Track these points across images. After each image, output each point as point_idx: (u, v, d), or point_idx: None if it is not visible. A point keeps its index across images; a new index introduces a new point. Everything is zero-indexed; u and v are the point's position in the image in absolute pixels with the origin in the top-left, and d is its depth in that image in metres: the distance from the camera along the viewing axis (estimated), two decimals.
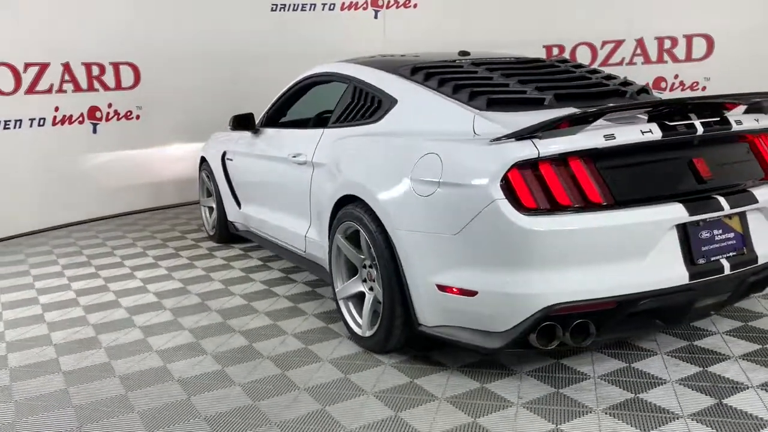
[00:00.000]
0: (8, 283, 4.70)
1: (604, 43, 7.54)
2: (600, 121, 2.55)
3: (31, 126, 6.34)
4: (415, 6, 8.30)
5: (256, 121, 4.74)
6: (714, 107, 2.78)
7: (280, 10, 7.98)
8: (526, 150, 2.41)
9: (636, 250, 2.46)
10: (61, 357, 3.30)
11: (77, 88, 6.66)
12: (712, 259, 2.60)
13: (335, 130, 3.67)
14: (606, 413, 2.47)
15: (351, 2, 8.25)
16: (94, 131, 6.88)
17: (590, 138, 2.46)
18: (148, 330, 3.61)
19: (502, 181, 2.42)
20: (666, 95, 7.13)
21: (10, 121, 6.17)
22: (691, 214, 2.53)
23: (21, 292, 4.47)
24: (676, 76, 7.18)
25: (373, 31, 8.25)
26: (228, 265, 4.89)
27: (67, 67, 6.54)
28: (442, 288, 2.65)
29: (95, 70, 6.79)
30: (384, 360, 3.05)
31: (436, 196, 2.65)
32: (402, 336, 2.94)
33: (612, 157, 2.52)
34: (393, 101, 3.33)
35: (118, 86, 7.00)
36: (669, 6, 7.09)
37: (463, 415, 2.51)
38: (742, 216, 2.71)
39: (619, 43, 7.46)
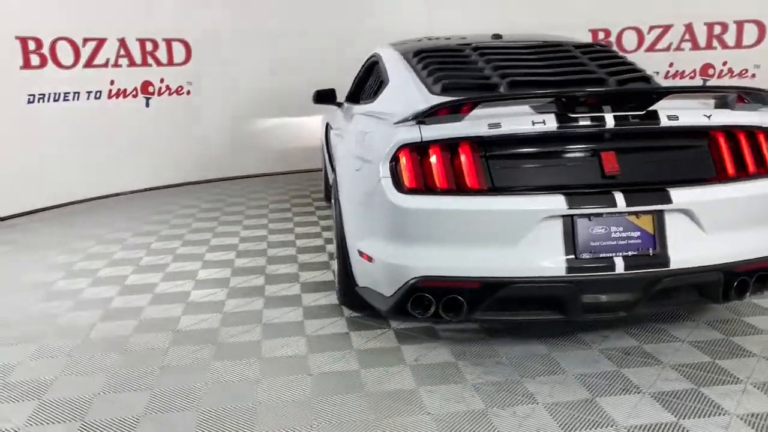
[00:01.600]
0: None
1: (651, 28, 7.48)
2: (514, 108, 2.62)
3: (88, 99, 6.59)
4: None
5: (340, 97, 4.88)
6: (645, 99, 2.58)
7: None
8: (411, 134, 2.55)
9: (506, 237, 2.51)
10: None
11: (132, 63, 6.89)
12: (602, 255, 2.52)
13: (357, 106, 3.86)
14: None
15: None
16: (147, 105, 7.12)
17: (474, 126, 2.52)
18: None
19: (391, 161, 2.59)
20: (711, 82, 7.00)
21: (69, 93, 6.43)
22: (571, 207, 2.47)
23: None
24: (725, 63, 7.10)
25: (419, 12, 8.29)
26: None
27: (122, 42, 6.78)
28: (360, 253, 2.89)
29: (149, 46, 7.01)
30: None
31: (360, 170, 2.90)
32: (356, 295, 3.13)
33: (501, 145, 2.57)
34: (387, 82, 3.53)
35: (170, 62, 7.22)
36: None
37: None
38: (658, 216, 2.55)
39: (666, 28, 7.39)
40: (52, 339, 3.19)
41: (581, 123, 2.53)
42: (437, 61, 3.38)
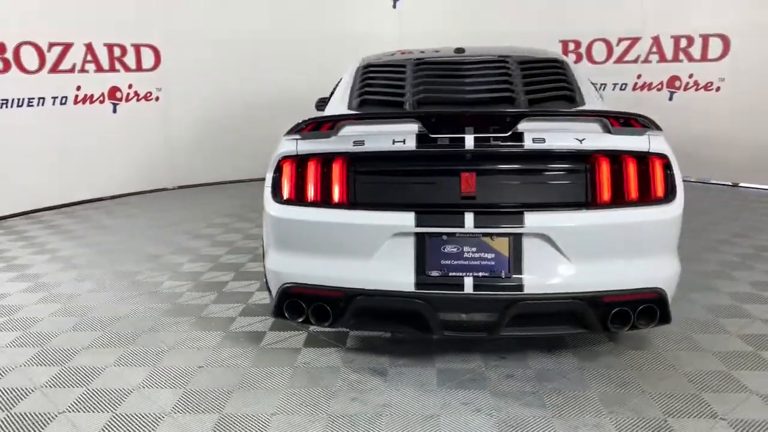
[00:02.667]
0: None
1: (620, 39, 7.60)
2: (387, 127, 2.68)
3: (53, 104, 6.45)
4: None
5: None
6: (507, 121, 2.56)
7: None
8: (289, 147, 2.69)
9: (362, 250, 2.62)
10: None
11: (99, 68, 6.76)
12: (451, 274, 2.57)
13: None
14: None
15: None
16: (114, 111, 6.99)
17: (343, 142, 2.64)
18: None
19: (275, 172, 2.73)
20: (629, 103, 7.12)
21: (33, 98, 6.28)
22: (419, 225, 2.54)
23: None
24: (691, 76, 7.24)
25: (391, 20, 8.30)
26: None
27: (89, 47, 6.64)
28: (263, 256, 2.98)
29: (117, 51, 6.88)
30: None
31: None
32: None
33: (365, 162, 2.66)
34: (335, 93, 3.63)
35: (139, 68, 7.10)
36: (686, 5, 7.14)
37: None
38: (515, 240, 2.54)
39: (635, 41, 7.52)
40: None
41: (440, 144, 2.56)
42: (374, 76, 3.47)
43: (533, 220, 2.50)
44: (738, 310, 3.51)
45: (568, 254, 2.53)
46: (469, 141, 2.55)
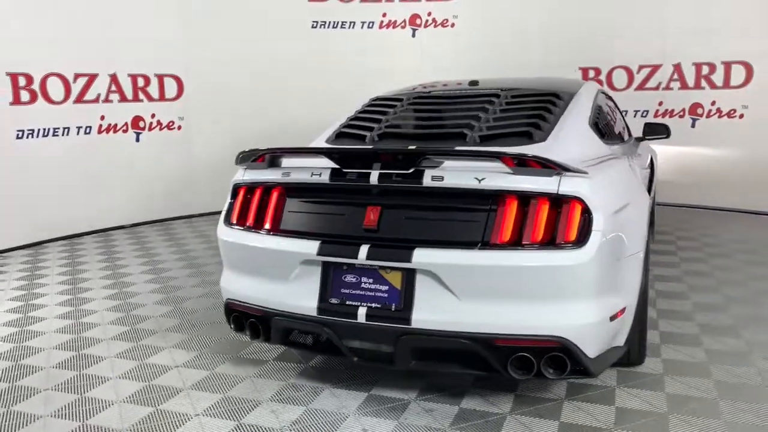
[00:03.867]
0: None
1: (641, 67, 7.56)
2: (320, 161, 2.78)
3: (78, 134, 6.57)
4: (452, 26, 8.41)
5: None
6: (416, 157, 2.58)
7: (320, 27, 8.17)
8: (238, 175, 3.02)
9: (279, 274, 2.79)
10: None
11: (123, 98, 6.89)
12: (348, 302, 2.64)
13: None
14: None
15: (390, 21, 8.39)
16: (137, 140, 7.10)
17: (274, 173, 2.87)
18: None
19: (231, 197, 3.04)
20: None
21: (58, 128, 6.41)
22: (320, 254, 2.64)
23: None
24: (713, 103, 7.16)
25: (411, 49, 8.38)
26: None
27: (114, 78, 6.78)
28: None
29: (140, 82, 7.02)
30: None
31: None
32: None
33: (292, 192, 2.87)
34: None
35: (162, 98, 7.22)
36: (707, 32, 7.09)
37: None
38: (408, 274, 2.56)
39: (656, 68, 7.47)
40: None
41: (349, 178, 2.68)
42: (370, 110, 3.62)
43: (421, 256, 2.50)
44: None
45: (457, 293, 2.49)
46: (374, 177, 2.62)
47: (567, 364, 2.44)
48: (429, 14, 8.42)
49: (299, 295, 2.74)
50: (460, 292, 2.48)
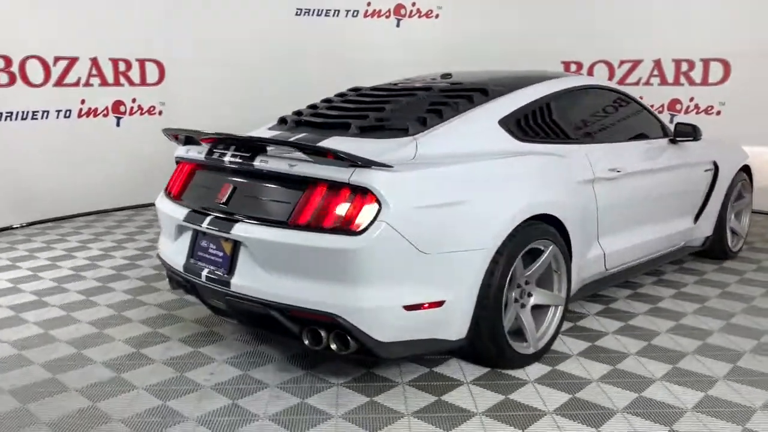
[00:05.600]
0: None
1: (622, 62, 7.63)
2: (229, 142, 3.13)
3: (57, 117, 6.53)
4: (436, 16, 8.43)
5: None
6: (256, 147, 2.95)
7: (304, 15, 8.15)
8: (177, 151, 3.45)
9: (171, 234, 3.31)
10: None
11: (103, 82, 6.84)
12: (199, 263, 3.10)
13: None
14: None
15: (374, 10, 8.39)
16: (118, 124, 7.07)
17: (187, 152, 3.33)
18: None
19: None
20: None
21: (38, 111, 6.36)
22: (184, 220, 3.15)
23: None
24: (692, 99, 7.25)
25: (395, 39, 8.38)
26: None
27: (95, 61, 6.73)
28: None
29: (122, 66, 6.98)
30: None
31: None
32: None
33: (190, 166, 3.38)
34: None
35: (143, 82, 7.18)
36: (687, 29, 7.17)
37: None
38: (235, 244, 2.91)
39: (636, 63, 7.55)
40: None
41: (213, 158, 3.11)
42: (325, 99, 3.89)
43: (238, 229, 2.86)
44: None
45: (262, 265, 2.81)
46: (227, 158, 3.03)
47: (349, 341, 2.71)
48: (413, 4, 8.43)
49: (178, 253, 3.22)
50: (265, 265, 2.80)
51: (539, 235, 3.11)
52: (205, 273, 3.01)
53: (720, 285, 4.46)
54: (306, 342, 2.80)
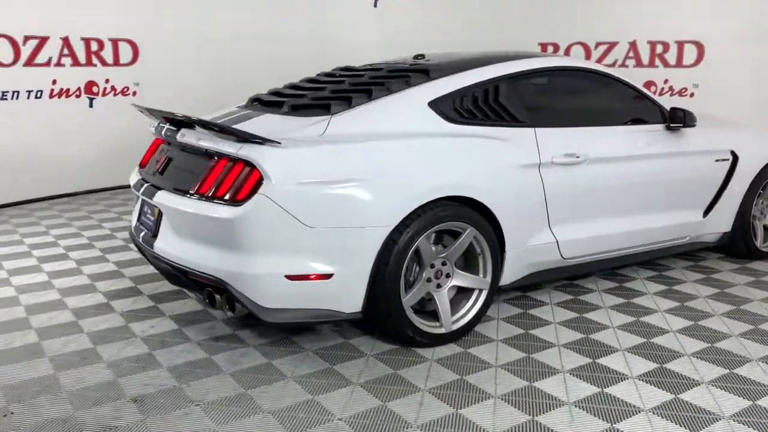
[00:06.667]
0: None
1: (598, 44, 7.66)
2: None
3: (28, 98, 6.41)
4: None
5: None
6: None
7: None
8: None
9: (135, 199, 3.61)
10: None
11: (75, 62, 6.72)
12: (141, 227, 3.46)
13: None
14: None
15: None
16: (91, 105, 6.96)
17: (152, 127, 3.62)
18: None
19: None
20: None
21: (7, 92, 6.24)
22: (133, 187, 3.50)
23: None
24: (666, 81, 7.31)
25: (372, 19, 8.32)
26: None
27: (66, 41, 6.61)
28: None
29: (94, 46, 6.85)
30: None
31: None
32: None
33: (160, 141, 3.64)
34: None
35: (116, 62, 7.07)
36: (662, 12, 7.20)
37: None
38: (160, 209, 3.18)
39: (612, 45, 7.58)
40: None
41: (157, 131, 3.52)
42: (306, 79, 3.99)
43: (158, 196, 3.17)
44: None
45: (173, 229, 3.10)
46: (164, 132, 3.41)
47: (234, 304, 2.91)
48: None
49: (134, 216, 3.62)
50: (175, 230, 3.09)
51: (450, 217, 3.10)
52: (142, 235, 3.39)
53: (728, 285, 4.15)
54: (206, 302, 3.05)
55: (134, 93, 7.27)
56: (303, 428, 2.49)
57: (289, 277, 2.84)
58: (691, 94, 7.16)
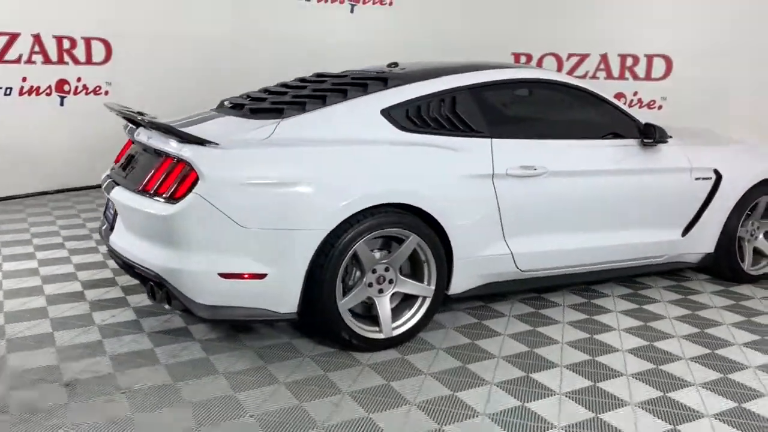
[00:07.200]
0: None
1: (570, 55, 7.80)
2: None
3: None
4: (390, 4, 8.43)
5: None
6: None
7: None
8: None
9: None
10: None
11: (47, 60, 6.62)
12: (105, 220, 3.58)
13: None
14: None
15: None
16: (62, 104, 6.85)
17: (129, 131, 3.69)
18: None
19: None
20: None
21: None
22: (101, 182, 3.55)
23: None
24: (636, 93, 7.48)
25: (349, 25, 8.34)
26: None
27: (37, 38, 6.50)
28: None
29: (66, 44, 6.75)
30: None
31: None
32: None
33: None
34: None
35: (89, 61, 6.97)
36: (633, 26, 7.37)
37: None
38: (116, 207, 3.32)
39: (584, 57, 7.73)
40: None
41: (128, 133, 3.62)
42: (280, 83, 4.00)
43: (114, 192, 3.28)
44: None
45: (125, 224, 3.21)
46: (128, 130, 3.59)
47: (172, 299, 2.99)
48: None
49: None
50: (125, 224, 3.20)
51: (390, 224, 3.11)
52: (104, 227, 3.51)
53: (701, 307, 4.00)
54: (149, 296, 3.13)
55: (107, 92, 7.17)
56: (214, 421, 2.56)
57: (223, 275, 2.89)
58: (659, 107, 7.33)
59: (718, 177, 4.17)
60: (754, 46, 6.64)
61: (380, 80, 3.49)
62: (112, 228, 3.36)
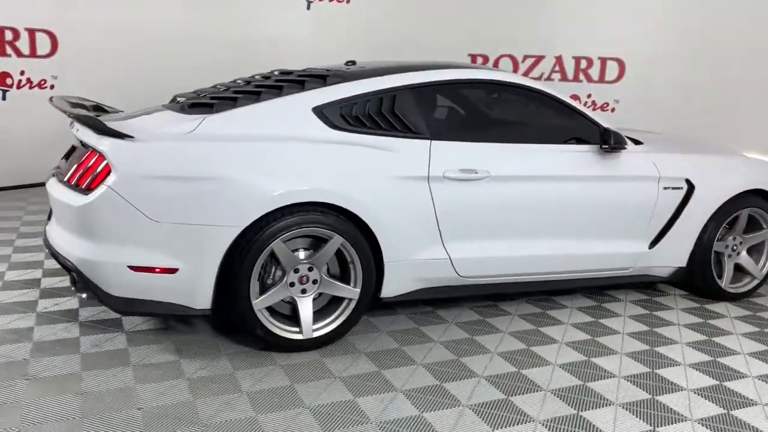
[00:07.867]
0: None
1: (526, 57, 7.88)
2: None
3: None
4: (348, 1, 8.36)
5: None
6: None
7: None
8: None
9: None
10: None
11: None
12: (50, 213, 3.46)
13: None
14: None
15: None
16: (4, 98, 6.55)
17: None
18: None
19: None
20: None
21: None
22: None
23: None
24: (590, 96, 7.60)
25: (305, 22, 8.24)
26: None
27: None
28: None
29: (8, 35, 6.46)
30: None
31: None
32: None
33: None
34: None
35: (33, 54, 6.69)
36: (588, 29, 7.49)
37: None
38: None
39: (539, 59, 7.82)
40: None
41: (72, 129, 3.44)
42: (239, 79, 3.95)
43: (48, 185, 3.30)
44: None
45: (55, 216, 3.24)
46: (70, 123, 3.44)
47: (88, 289, 3.01)
48: None
49: None
50: (55, 215, 3.24)
51: (310, 223, 3.04)
52: (47, 220, 3.51)
53: (664, 324, 3.78)
54: (71, 285, 3.17)
55: (52, 86, 6.89)
56: (100, 412, 2.54)
57: (133, 268, 2.90)
58: (612, 109, 7.47)
59: (691, 187, 3.93)
60: (706, 48, 6.82)
61: (320, 78, 3.42)
62: (49, 218, 3.46)
